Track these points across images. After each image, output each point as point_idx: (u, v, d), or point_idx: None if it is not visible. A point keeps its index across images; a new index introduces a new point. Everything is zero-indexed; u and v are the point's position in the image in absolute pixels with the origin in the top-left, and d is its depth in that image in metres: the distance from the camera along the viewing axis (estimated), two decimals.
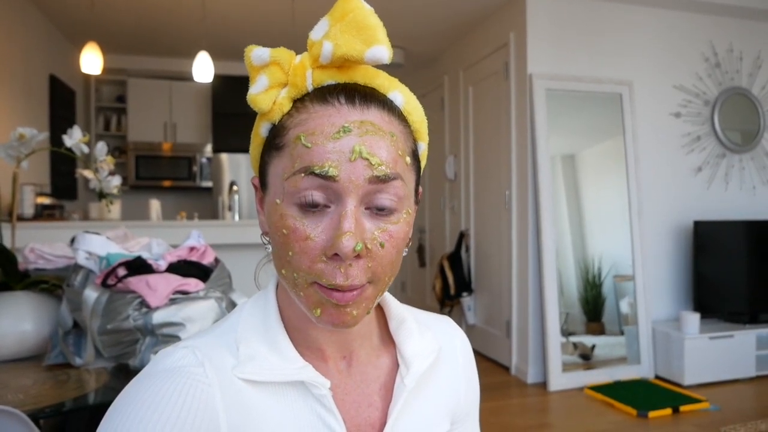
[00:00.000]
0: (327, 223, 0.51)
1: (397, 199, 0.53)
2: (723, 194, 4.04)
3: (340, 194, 0.50)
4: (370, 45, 0.52)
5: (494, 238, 4.08)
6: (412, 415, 0.61)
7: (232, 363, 0.54)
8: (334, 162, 0.50)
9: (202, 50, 3.97)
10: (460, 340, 0.71)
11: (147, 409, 0.48)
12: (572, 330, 3.62)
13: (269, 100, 0.54)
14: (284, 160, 0.52)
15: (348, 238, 0.49)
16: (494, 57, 4.07)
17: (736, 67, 4.07)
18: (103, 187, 1.68)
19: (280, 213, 0.52)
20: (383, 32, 0.53)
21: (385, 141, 0.52)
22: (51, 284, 1.48)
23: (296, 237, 0.51)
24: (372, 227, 0.52)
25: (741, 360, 3.57)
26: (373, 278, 0.52)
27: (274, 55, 0.54)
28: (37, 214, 3.40)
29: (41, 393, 1.13)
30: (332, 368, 0.60)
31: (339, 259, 0.50)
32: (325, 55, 0.52)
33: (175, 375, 0.51)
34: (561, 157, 3.73)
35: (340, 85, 0.54)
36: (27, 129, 1.56)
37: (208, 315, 1.29)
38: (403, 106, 0.57)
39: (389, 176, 0.51)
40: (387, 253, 0.52)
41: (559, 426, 2.92)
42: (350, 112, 0.52)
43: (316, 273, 0.51)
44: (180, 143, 5.53)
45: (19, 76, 3.80)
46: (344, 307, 0.52)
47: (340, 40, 0.52)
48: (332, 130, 0.51)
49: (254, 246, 2.68)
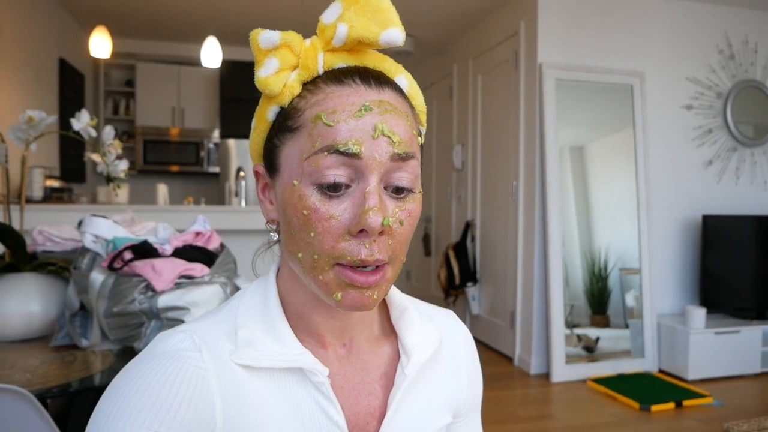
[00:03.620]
0: (350, 201, 0.51)
1: (414, 177, 0.54)
2: (733, 188, 4.00)
3: (363, 171, 0.51)
4: (385, 27, 0.52)
5: (500, 228, 4.07)
6: (413, 405, 0.61)
7: (230, 348, 0.54)
8: (358, 139, 0.50)
9: (211, 35, 3.96)
10: (463, 334, 0.70)
11: (142, 392, 0.48)
12: (577, 322, 3.61)
13: (280, 83, 0.54)
14: (302, 141, 0.52)
15: (375, 213, 0.49)
16: (504, 46, 4.03)
17: (750, 59, 4.01)
18: (111, 171, 1.69)
19: (299, 194, 0.52)
20: (397, 15, 0.53)
21: (402, 120, 0.53)
22: (58, 266, 1.49)
23: (318, 217, 0.51)
24: (392, 205, 0.52)
25: (746, 356, 3.55)
26: (392, 257, 0.53)
27: (284, 38, 0.53)
28: (45, 196, 3.42)
29: (48, 373, 1.14)
30: (332, 355, 0.59)
31: (364, 235, 0.50)
32: (339, 38, 0.53)
33: (171, 359, 0.51)
34: (569, 148, 3.71)
35: (353, 67, 0.54)
36: (36, 112, 1.57)
37: (213, 300, 1.30)
38: (407, 91, 0.58)
39: (408, 154, 0.52)
40: (405, 231, 0.53)
41: (561, 417, 2.93)
42: (367, 92, 0.52)
43: (340, 252, 0.51)
44: (188, 128, 5.54)
45: (28, 60, 3.81)
46: (366, 289, 0.52)
47: (355, 22, 0.52)
48: (353, 109, 0.51)
49: (260, 232, 2.68)
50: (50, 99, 4.21)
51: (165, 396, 0.49)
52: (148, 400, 0.48)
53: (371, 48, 0.55)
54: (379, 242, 0.51)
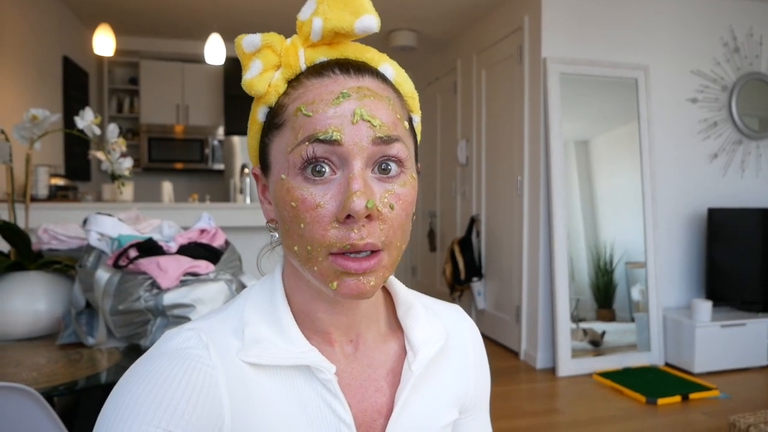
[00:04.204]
0: (336, 188, 0.51)
1: (401, 161, 0.53)
2: (738, 182, 3.98)
3: (345, 158, 0.51)
4: (358, 15, 0.53)
5: (505, 223, 4.06)
6: (420, 402, 0.61)
7: (237, 346, 0.54)
8: (338, 126, 0.50)
9: (214, 32, 3.96)
10: (469, 330, 0.70)
11: (150, 391, 0.48)
12: (582, 316, 3.61)
13: (264, 83, 0.55)
14: (286, 135, 0.53)
15: (359, 196, 0.49)
16: (508, 41, 4.01)
17: (755, 52, 3.98)
18: (115, 169, 1.69)
19: (287, 187, 0.52)
20: (369, 2, 0.54)
21: (383, 104, 0.53)
22: (64, 264, 1.50)
23: (306, 207, 0.51)
24: (380, 190, 0.52)
25: (752, 349, 3.54)
26: (386, 242, 0.52)
27: (265, 39, 0.55)
28: (51, 195, 3.43)
29: (54, 371, 1.15)
30: (338, 352, 0.59)
31: (352, 221, 0.50)
32: (316, 31, 0.54)
33: (178, 356, 0.52)
34: (574, 142, 3.69)
35: (333, 60, 0.55)
36: (40, 110, 1.57)
37: (218, 297, 1.30)
38: (394, 78, 0.58)
39: (391, 137, 0.52)
40: (397, 216, 0.52)
41: (567, 411, 2.93)
42: (347, 80, 0.53)
43: (330, 240, 0.50)
44: (192, 125, 5.55)
45: (32, 58, 3.82)
46: (362, 276, 0.51)
47: (329, 14, 0.53)
48: (331, 97, 0.51)
49: (265, 229, 2.68)
50: (54, 97, 4.22)
51: (173, 394, 0.49)
52: (156, 399, 0.48)
53: (349, 38, 0.55)
54: (369, 227, 0.50)
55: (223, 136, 5.53)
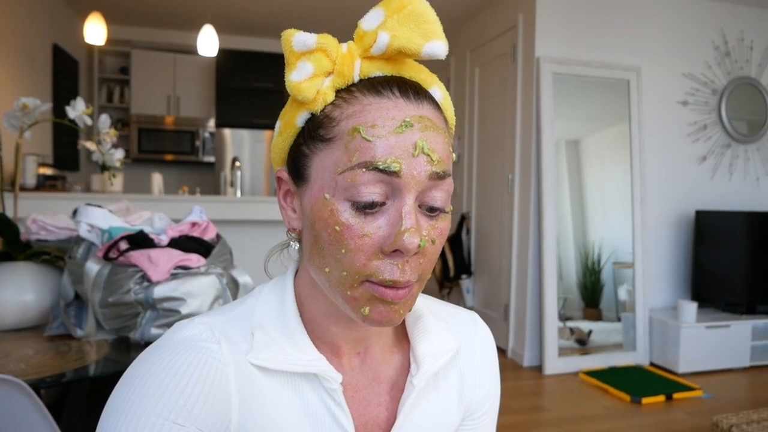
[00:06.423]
0: (384, 219, 0.49)
1: (448, 197, 0.52)
2: (726, 184, 4.02)
3: (400, 189, 0.49)
4: (428, 39, 0.51)
5: (495, 221, 4.08)
6: (422, 415, 0.60)
7: (246, 347, 0.54)
8: (398, 157, 0.48)
9: (207, 24, 3.93)
10: (481, 338, 0.68)
11: (161, 381, 0.48)
12: (569, 315, 3.64)
13: (314, 89, 0.51)
14: (336, 153, 0.50)
15: (411, 234, 0.48)
16: (502, 39, 4.02)
17: (746, 56, 4.02)
18: (106, 160, 1.68)
19: (331, 209, 0.50)
20: (440, 27, 0.52)
21: (441, 136, 0.51)
22: (53, 255, 1.48)
23: (351, 234, 0.49)
24: (426, 224, 0.51)
25: (736, 350, 3.59)
26: (421, 275, 0.51)
27: (320, 42, 0.51)
28: (39, 184, 3.39)
29: (42, 363, 1.14)
30: (345, 364, 0.59)
31: (398, 255, 0.49)
32: (380, 46, 0.51)
33: (190, 347, 0.51)
34: (565, 142, 3.71)
35: (390, 77, 0.52)
36: (30, 99, 1.55)
37: (209, 290, 1.30)
38: (441, 102, 0.56)
39: (446, 173, 0.51)
40: (435, 250, 0.52)
41: (553, 409, 2.95)
42: (407, 106, 0.50)
43: (371, 270, 0.49)
44: (183, 117, 5.51)
45: (22, 45, 3.77)
46: (394, 305, 0.51)
47: (398, 32, 0.50)
48: (394, 124, 0.49)
49: (256, 223, 2.68)
50: (44, 85, 4.17)
51: (184, 386, 0.48)
52: (167, 390, 0.48)
53: (411, 58, 0.53)
54: (411, 262, 0.50)
55: (214, 129, 5.49)
